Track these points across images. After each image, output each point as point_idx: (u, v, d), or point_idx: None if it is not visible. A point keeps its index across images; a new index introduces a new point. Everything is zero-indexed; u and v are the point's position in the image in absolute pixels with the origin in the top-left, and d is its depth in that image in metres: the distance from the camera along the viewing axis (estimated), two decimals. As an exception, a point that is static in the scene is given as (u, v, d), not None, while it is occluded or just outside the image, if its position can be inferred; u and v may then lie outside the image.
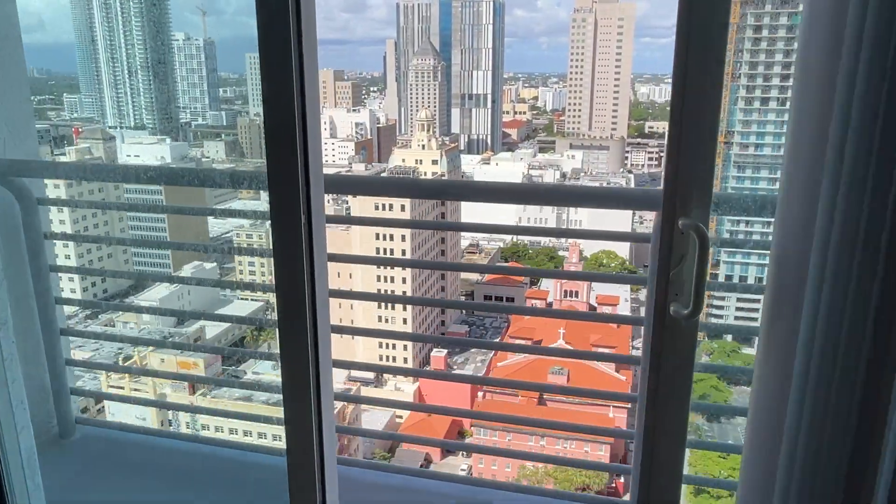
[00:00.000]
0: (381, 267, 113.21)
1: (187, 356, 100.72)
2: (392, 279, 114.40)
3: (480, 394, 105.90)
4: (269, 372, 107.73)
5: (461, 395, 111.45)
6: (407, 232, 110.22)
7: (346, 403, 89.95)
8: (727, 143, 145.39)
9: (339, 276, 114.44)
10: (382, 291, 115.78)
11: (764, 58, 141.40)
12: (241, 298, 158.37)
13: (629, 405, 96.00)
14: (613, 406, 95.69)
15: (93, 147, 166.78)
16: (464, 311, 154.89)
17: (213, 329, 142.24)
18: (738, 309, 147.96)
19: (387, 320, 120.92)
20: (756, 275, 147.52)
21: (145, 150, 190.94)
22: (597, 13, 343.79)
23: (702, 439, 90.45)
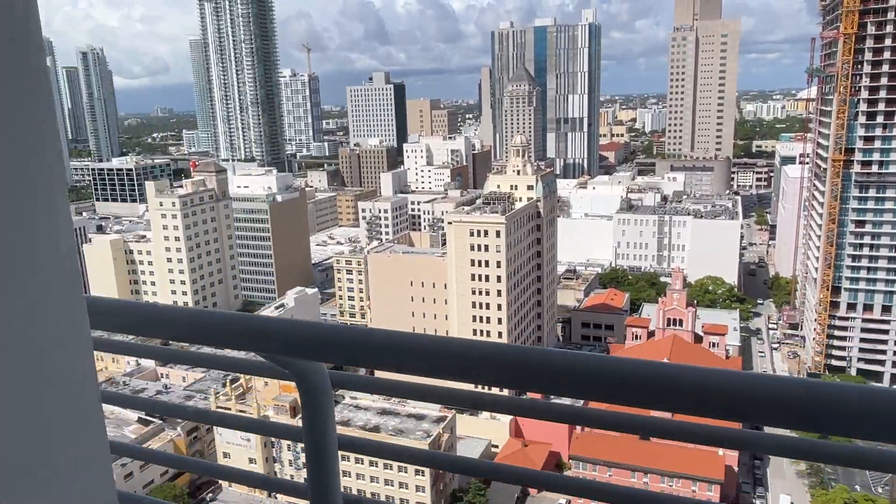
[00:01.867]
0: (478, 293, 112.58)
1: (289, 380, 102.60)
2: (487, 306, 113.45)
3: (579, 427, 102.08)
4: (365, 396, 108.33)
5: (559, 426, 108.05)
6: (502, 257, 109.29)
7: (441, 430, 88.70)
8: (847, 161, 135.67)
9: (434, 303, 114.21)
10: (478, 318, 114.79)
11: (888, 69, 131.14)
12: (342, 323, 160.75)
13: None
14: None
15: (207, 179, 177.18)
16: (561, 338, 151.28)
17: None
18: (862, 341, 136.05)
19: (482, 333, 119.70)
20: (883, 301, 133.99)
21: (254, 181, 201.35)
22: (698, 31, 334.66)
23: (824, 482, 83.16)
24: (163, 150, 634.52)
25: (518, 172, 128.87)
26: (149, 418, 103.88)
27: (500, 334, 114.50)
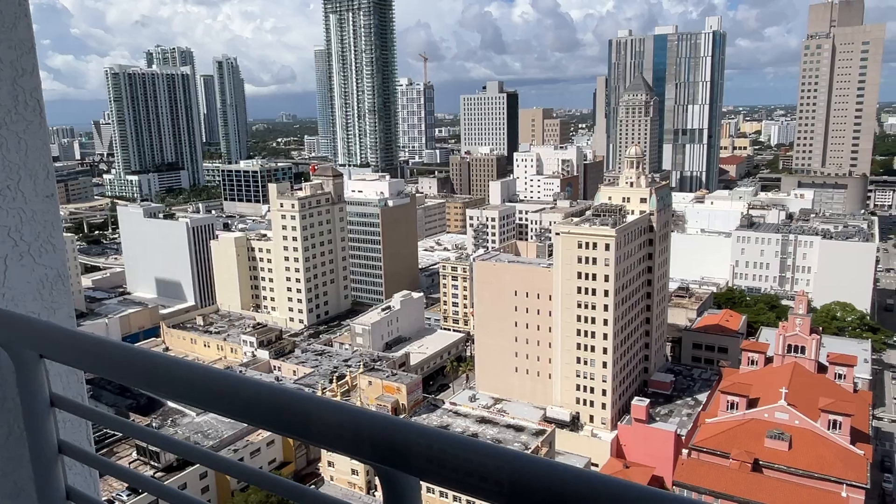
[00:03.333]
0: (583, 307, 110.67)
1: (392, 381, 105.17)
2: (593, 320, 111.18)
3: (685, 451, 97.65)
4: (465, 403, 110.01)
5: (664, 448, 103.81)
6: (611, 271, 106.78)
7: (540, 444, 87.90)
8: None
9: (538, 314, 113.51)
10: (582, 332, 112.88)
11: None
12: (444, 328, 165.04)
13: (868, 485, 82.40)
14: (847, 485, 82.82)
15: (324, 183, 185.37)
16: (669, 358, 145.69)
17: (416, 356, 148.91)
18: None
19: (586, 348, 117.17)
20: None
21: (368, 186, 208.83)
22: (835, 38, 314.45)
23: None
24: (286, 155, 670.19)
25: (631, 184, 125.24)
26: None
27: (605, 350, 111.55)
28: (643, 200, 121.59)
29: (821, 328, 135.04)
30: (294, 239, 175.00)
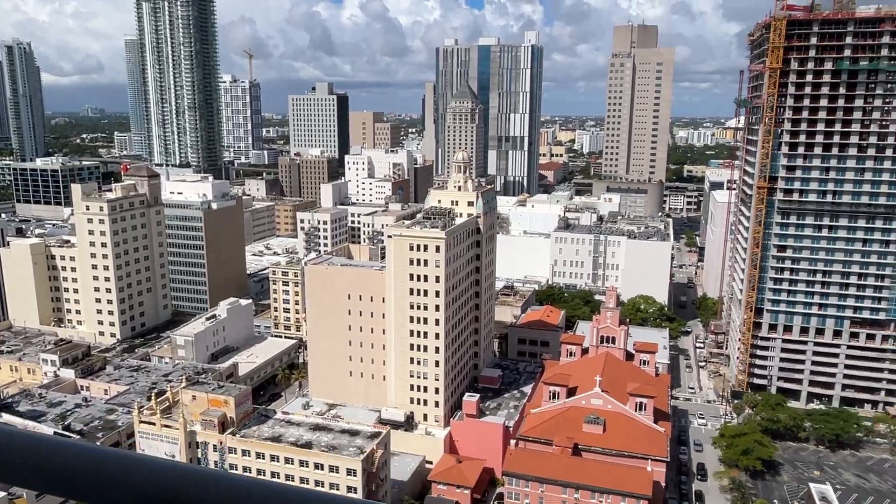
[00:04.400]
0: (416, 308, 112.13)
1: (219, 394, 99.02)
2: (425, 320, 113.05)
3: (513, 441, 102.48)
4: (299, 411, 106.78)
5: (494, 440, 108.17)
6: (441, 272, 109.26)
7: (375, 447, 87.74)
8: (770, 188, 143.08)
9: (371, 316, 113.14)
10: (415, 332, 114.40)
11: (808, 103, 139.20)
12: (276, 335, 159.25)
13: (668, 459, 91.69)
14: (651, 459, 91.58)
15: (138, 184, 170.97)
16: (497, 354, 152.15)
17: (246, 366, 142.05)
18: (782, 360, 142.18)
19: (419, 348, 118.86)
20: (834, 326, 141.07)
21: (188, 188, 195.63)
22: (635, 58, 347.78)
23: (745, 496, 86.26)
24: (92, 152, 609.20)
25: (459, 188, 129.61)
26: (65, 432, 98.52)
27: (437, 349, 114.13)
28: (471, 204, 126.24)
29: (628, 319, 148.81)
30: (103, 245, 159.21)
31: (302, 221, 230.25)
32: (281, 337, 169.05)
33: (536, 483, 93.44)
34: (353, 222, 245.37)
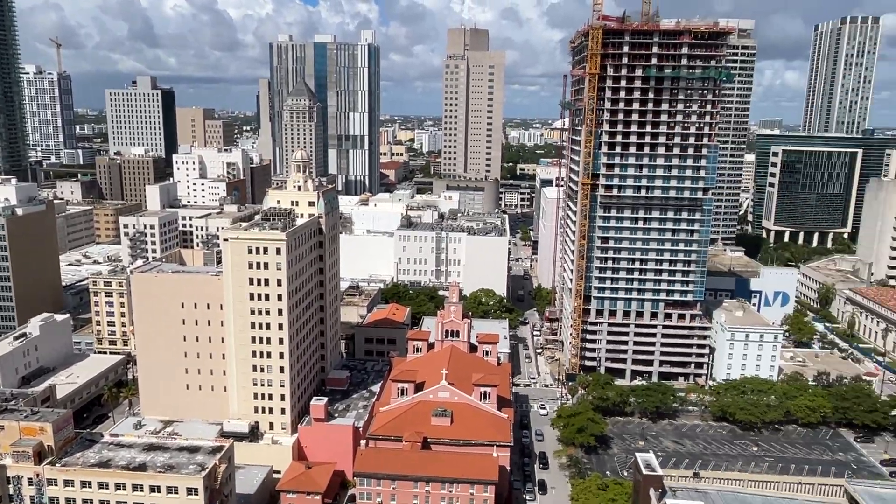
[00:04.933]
0: (257, 313, 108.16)
1: (33, 421, 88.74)
2: (268, 326, 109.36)
3: (363, 441, 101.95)
4: (130, 432, 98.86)
5: (343, 443, 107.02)
6: (283, 275, 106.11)
7: (218, 461, 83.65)
8: (593, 185, 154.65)
9: (209, 325, 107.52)
10: (258, 339, 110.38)
11: (623, 106, 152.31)
12: (99, 352, 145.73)
13: (511, 443, 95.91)
14: (497, 446, 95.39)
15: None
16: (344, 355, 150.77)
17: (65, 387, 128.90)
18: (609, 342, 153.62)
19: (262, 355, 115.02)
20: (651, 308, 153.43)
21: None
22: (469, 60, 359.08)
23: (581, 471, 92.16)
24: None
25: (299, 188, 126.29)
26: None
27: (281, 355, 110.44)
28: (311, 204, 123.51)
29: (470, 313, 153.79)
30: None
31: (126, 226, 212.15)
32: (106, 353, 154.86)
33: (388, 481, 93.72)
34: (184, 226, 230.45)
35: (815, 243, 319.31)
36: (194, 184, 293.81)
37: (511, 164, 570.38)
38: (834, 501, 60.68)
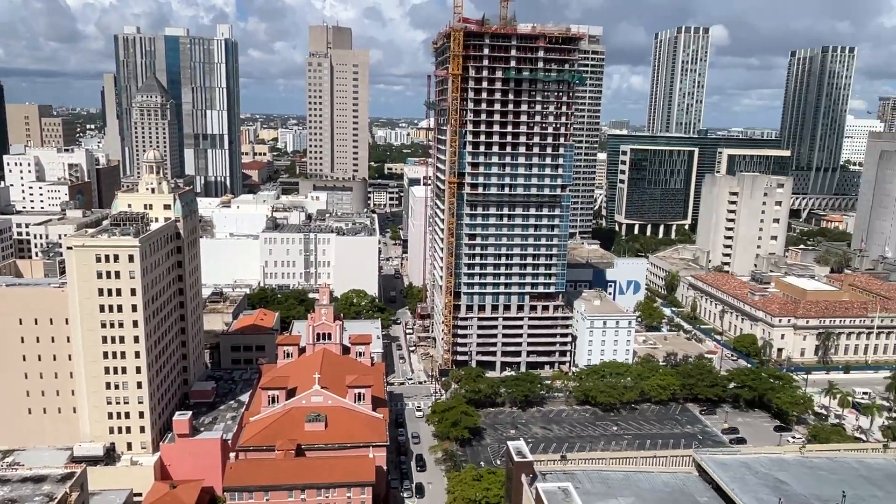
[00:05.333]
0: (110, 326, 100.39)
1: None
2: (122, 339, 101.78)
3: (233, 454, 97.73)
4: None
5: (211, 457, 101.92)
6: (137, 284, 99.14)
7: (69, 490, 76.73)
8: (460, 183, 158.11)
9: (53, 342, 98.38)
10: (111, 354, 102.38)
11: (485, 106, 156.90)
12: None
13: (387, 442, 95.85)
14: (373, 446, 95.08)
15: None
16: (209, 365, 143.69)
17: None
18: (479, 336, 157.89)
19: (116, 371, 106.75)
20: (518, 301, 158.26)
21: None
22: (332, 58, 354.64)
23: (457, 464, 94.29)
24: None
25: (153, 190, 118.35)
26: None
27: (138, 369, 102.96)
28: (167, 207, 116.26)
29: (342, 314, 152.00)
30: None
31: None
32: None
33: (260, 493, 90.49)
34: (20, 234, 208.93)
35: (661, 235, 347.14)
36: (30, 187, 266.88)
37: (379, 163, 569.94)
38: (684, 470, 66.17)
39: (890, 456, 69.79)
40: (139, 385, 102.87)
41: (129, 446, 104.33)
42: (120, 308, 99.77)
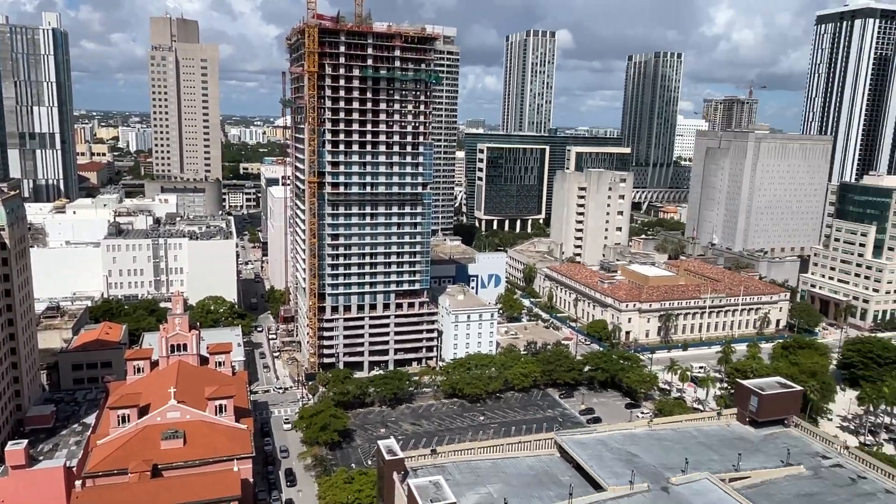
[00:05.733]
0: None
1: None
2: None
3: (79, 482, 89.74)
4: None
5: (54, 488, 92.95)
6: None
7: None
8: (320, 183, 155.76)
9: None
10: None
11: (343, 105, 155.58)
12: None
13: (253, 453, 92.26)
14: (237, 459, 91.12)
15: None
16: (47, 387, 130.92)
17: None
18: (346, 337, 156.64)
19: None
20: (383, 300, 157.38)
21: None
22: (177, 52, 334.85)
23: (327, 469, 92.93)
24: None
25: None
26: None
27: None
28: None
29: (199, 323, 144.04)
30: None
31: None
32: None
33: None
34: None
35: (518, 229, 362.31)
36: None
37: (233, 163, 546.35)
38: (547, 453, 69.47)
39: (723, 422, 77.57)
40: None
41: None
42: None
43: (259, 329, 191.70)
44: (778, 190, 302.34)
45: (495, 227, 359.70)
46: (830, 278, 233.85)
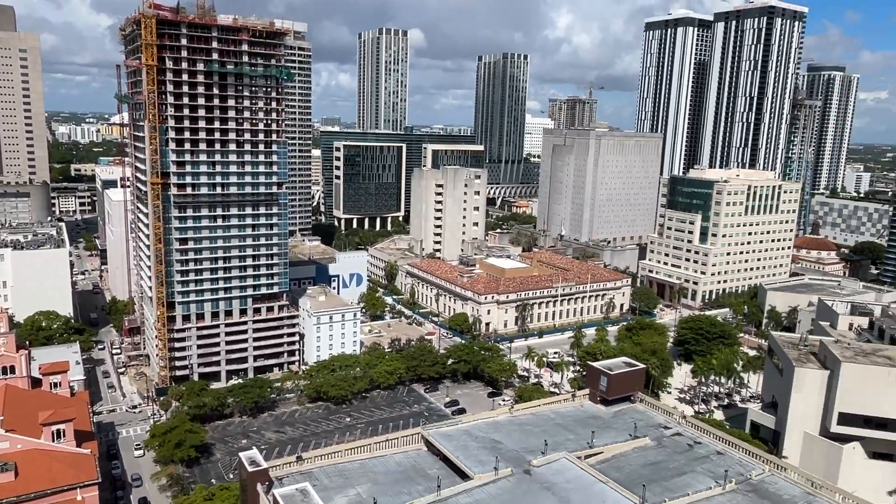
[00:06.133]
0: None
1: None
2: None
3: None
4: None
5: None
6: None
7: None
8: (164, 184, 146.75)
9: None
10: None
11: (188, 101, 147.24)
12: None
13: (99, 479, 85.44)
14: (80, 487, 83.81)
15: None
16: None
17: None
18: (199, 347, 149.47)
19: None
20: (240, 306, 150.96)
21: None
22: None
23: (185, 487, 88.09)
24: None
25: None
26: None
27: None
28: None
29: (28, 342, 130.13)
30: None
31: None
32: None
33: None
34: None
35: (378, 227, 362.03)
36: None
37: (63, 164, 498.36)
38: (414, 448, 70.07)
39: (577, 403, 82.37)
40: None
41: None
42: None
43: (100, 346, 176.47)
44: (617, 184, 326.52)
45: (355, 225, 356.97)
46: (665, 263, 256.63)
